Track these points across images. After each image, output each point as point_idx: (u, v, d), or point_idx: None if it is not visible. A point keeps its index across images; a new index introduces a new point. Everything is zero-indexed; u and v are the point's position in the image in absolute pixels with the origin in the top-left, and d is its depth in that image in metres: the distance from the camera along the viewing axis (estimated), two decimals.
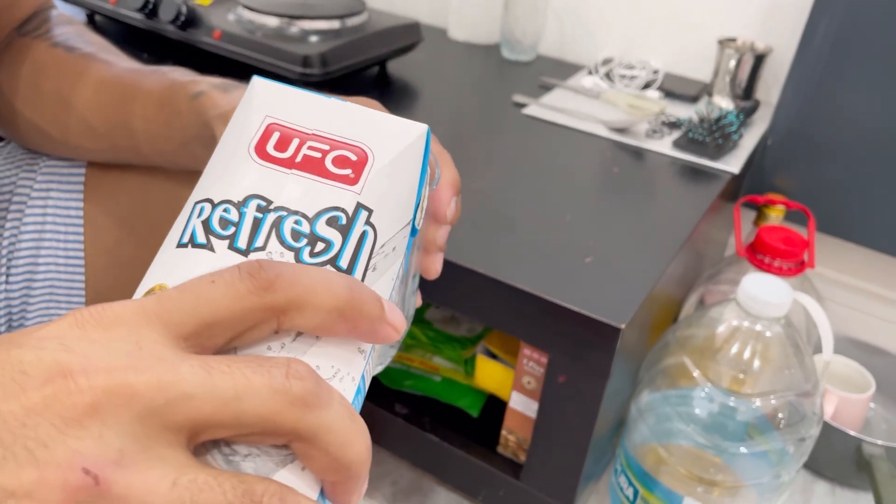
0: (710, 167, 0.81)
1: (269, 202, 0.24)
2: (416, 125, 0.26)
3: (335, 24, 0.87)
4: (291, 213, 0.24)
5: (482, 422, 0.77)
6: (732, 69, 0.92)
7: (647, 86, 0.99)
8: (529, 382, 0.67)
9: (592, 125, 0.87)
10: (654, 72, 0.99)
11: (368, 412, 0.76)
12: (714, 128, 0.82)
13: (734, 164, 0.82)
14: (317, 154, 0.25)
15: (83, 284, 0.51)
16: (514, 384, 0.68)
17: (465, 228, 0.63)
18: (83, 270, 0.51)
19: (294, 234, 0.23)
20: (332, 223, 0.24)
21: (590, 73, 1.03)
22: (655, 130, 0.87)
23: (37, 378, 0.17)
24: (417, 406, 0.78)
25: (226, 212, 0.24)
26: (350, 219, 0.24)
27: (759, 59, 0.91)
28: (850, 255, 0.98)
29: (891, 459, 0.78)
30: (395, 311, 0.23)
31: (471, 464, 0.72)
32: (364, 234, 0.24)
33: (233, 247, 0.23)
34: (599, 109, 0.92)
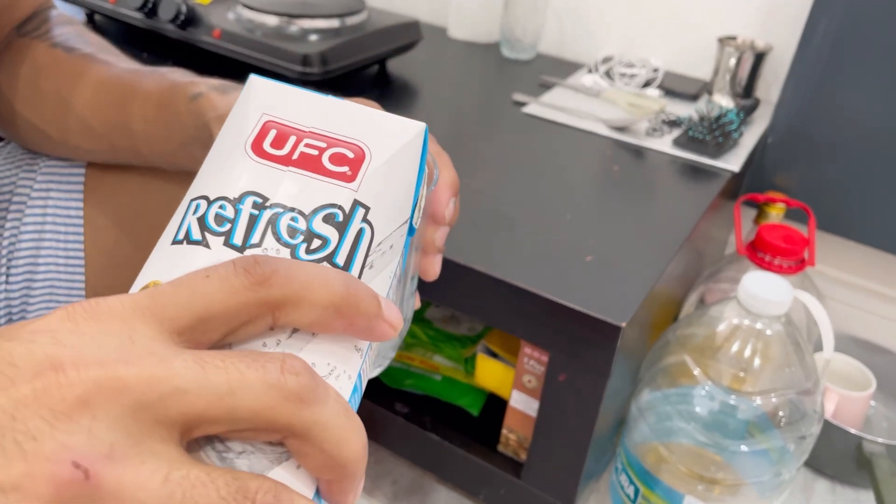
0: (711, 165, 0.81)
1: (266, 199, 0.24)
2: (414, 123, 0.26)
3: (335, 23, 0.87)
4: (288, 210, 0.23)
5: (483, 421, 0.77)
6: (732, 67, 0.92)
7: (648, 84, 0.99)
8: (530, 381, 0.67)
9: (592, 124, 0.87)
10: (655, 70, 0.99)
11: (369, 411, 0.76)
12: (714, 126, 0.82)
13: (734, 163, 0.81)
14: (314, 151, 0.25)
15: (83, 284, 0.51)
16: (515, 383, 0.68)
17: (466, 227, 0.63)
18: (83, 270, 0.51)
19: (290, 231, 0.23)
20: (329, 220, 0.24)
21: (590, 72, 1.03)
22: (655, 129, 0.86)
23: (27, 371, 0.17)
24: (418, 405, 0.78)
25: (222, 208, 0.24)
26: (347, 216, 0.24)
27: (760, 58, 0.91)
28: (851, 253, 0.98)
29: (891, 457, 0.78)
30: (392, 309, 0.23)
31: (471, 463, 0.72)
32: (361, 232, 0.24)
33: (228, 243, 0.23)
34: (599, 108, 0.92)
